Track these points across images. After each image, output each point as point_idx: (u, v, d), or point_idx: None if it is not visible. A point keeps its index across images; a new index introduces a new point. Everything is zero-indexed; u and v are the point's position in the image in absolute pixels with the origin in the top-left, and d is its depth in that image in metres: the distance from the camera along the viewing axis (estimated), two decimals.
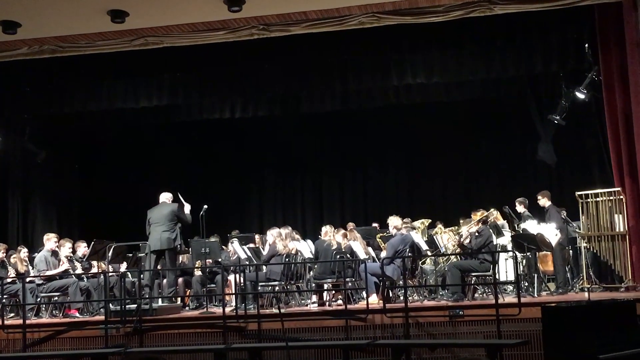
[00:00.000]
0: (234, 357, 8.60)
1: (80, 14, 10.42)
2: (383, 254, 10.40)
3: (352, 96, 13.67)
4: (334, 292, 10.44)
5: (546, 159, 13.10)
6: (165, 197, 10.63)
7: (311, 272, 10.59)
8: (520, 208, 11.00)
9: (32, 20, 10.56)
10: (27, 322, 9.42)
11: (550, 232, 10.03)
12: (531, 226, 10.35)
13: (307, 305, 10.25)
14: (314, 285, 10.51)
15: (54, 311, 10.39)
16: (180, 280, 11.05)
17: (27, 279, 10.14)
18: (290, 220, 14.81)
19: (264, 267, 10.21)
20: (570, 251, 10.74)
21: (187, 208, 10.45)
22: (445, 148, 14.66)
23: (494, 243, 9.97)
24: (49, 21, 10.64)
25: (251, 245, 11.36)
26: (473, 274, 9.67)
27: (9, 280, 10.37)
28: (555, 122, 12.09)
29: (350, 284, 10.03)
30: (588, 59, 11.08)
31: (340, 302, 9.99)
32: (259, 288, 9.92)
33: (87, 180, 15.40)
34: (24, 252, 11.19)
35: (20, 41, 11.32)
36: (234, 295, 10.03)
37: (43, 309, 10.44)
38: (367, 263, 9.75)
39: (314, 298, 10.42)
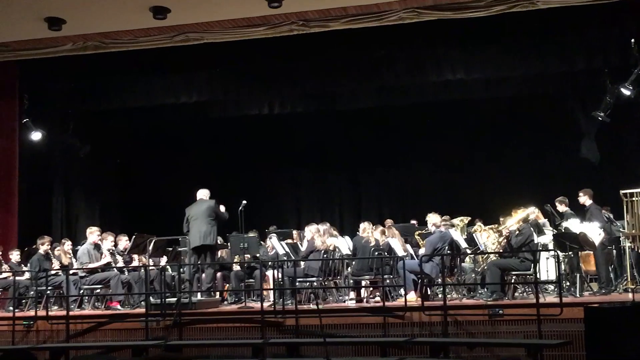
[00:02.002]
0: (271, 351, 8.64)
1: (123, 11, 10.58)
2: (421, 252, 10.34)
3: (389, 92, 13.63)
4: (371, 289, 10.41)
5: (589, 157, 12.88)
6: (203, 193, 10.64)
7: (349, 269, 10.59)
8: (561, 207, 10.82)
9: (77, 17, 10.76)
10: (71, 313, 9.60)
11: (593, 231, 9.85)
12: (574, 225, 10.17)
13: (344, 301, 10.25)
14: (351, 281, 10.50)
15: (96, 303, 10.57)
16: (219, 274, 11.15)
17: (71, 272, 10.33)
18: (328, 216, 14.83)
19: (302, 262, 10.23)
20: (614, 251, 10.53)
21: (222, 208, 10.51)
22: (485, 145, 14.52)
23: (535, 242, 9.82)
24: (93, 18, 10.83)
25: (289, 240, 11.40)
26: (513, 272, 9.55)
27: (53, 272, 10.57)
28: (600, 119, 11.88)
29: (388, 281, 10.00)
30: (634, 55, 10.85)
31: (377, 299, 9.97)
32: (297, 284, 9.95)
33: (128, 174, 15.64)
34: (67, 244, 11.40)
35: (65, 37, 11.55)
36: (272, 291, 10.07)
37: (86, 300, 10.63)
38: (406, 260, 9.70)
39: (352, 294, 10.42)
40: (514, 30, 11.14)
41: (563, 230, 10.28)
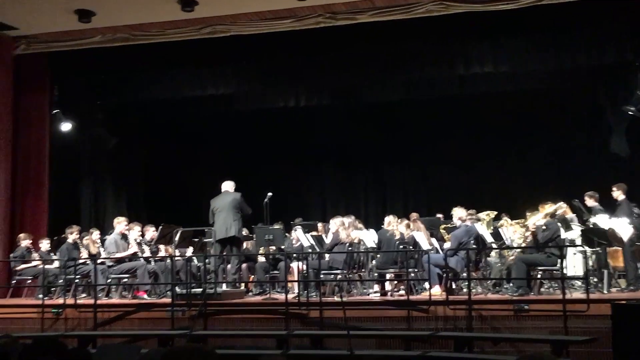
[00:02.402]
0: (295, 343, 8.68)
1: (152, 3, 10.69)
2: (447, 245, 10.30)
3: (416, 85, 13.56)
4: (396, 282, 10.41)
5: (619, 152, 12.69)
6: (228, 185, 10.67)
7: (373, 262, 10.59)
8: (590, 202, 10.69)
9: (106, 9, 10.89)
10: (98, 302, 9.76)
11: (622, 227, 9.72)
12: (602, 220, 10.05)
13: (369, 294, 10.26)
14: (376, 274, 10.50)
15: (123, 292, 10.69)
16: (244, 266, 11.22)
17: (99, 261, 10.47)
18: (353, 209, 14.81)
19: (327, 255, 10.26)
20: None
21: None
22: (512, 139, 14.38)
23: (562, 237, 9.73)
24: (122, 10, 10.95)
25: (314, 233, 11.43)
26: (539, 268, 9.47)
27: (81, 261, 10.72)
28: (630, 113, 11.70)
29: (412, 275, 9.98)
30: None
31: (402, 292, 9.96)
32: (322, 276, 9.98)
33: (155, 166, 15.76)
34: (95, 234, 11.54)
35: (94, 30, 11.70)
36: (296, 283, 10.11)
37: (113, 289, 10.76)
38: (430, 254, 9.68)
39: (376, 288, 10.42)
40: (543, 22, 11.00)
41: (591, 226, 10.16)
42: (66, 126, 13.05)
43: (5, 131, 12.07)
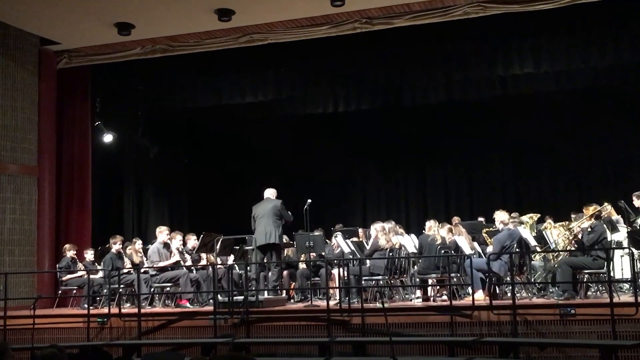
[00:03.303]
0: (337, 350, 8.65)
1: (189, 14, 10.81)
2: (489, 249, 10.15)
3: (456, 87, 13.42)
4: (438, 287, 10.29)
5: None
6: (270, 192, 10.72)
7: (415, 267, 10.49)
8: (637, 202, 10.41)
9: (145, 22, 11.06)
10: (142, 311, 9.84)
11: None
12: None
13: (411, 300, 10.16)
14: (417, 280, 10.40)
15: (166, 301, 10.79)
16: (285, 273, 11.23)
17: (142, 270, 10.57)
18: (394, 214, 14.73)
19: (368, 261, 10.20)
20: None
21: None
22: (555, 139, 14.12)
23: (608, 239, 9.50)
24: (160, 22, 11.11)
25: (355, 239, 11.38)
26: (585, 271, 9.26)
27: (125, 270, 10.86)
28: None
29: (455, 280, 9.86)
30: None
31: (444, 297, 9.84)
32: (363, 282, 9.93)
33: (196, 174, 15.92)
34: (138, 243, 11.69)
35: (134, 42, 11.90)
36: (337, 289, 10.08)
37: (156, 298, 10.87)
38: (473, 258, 9.54)
39: (418, 293, 10.31)
40: (584, 20, 10.80)
41: (638, 227, 9.90)
42: (108, 137, 13.29)
43: (50, 144, 12.33)
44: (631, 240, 9.45)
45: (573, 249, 9.63)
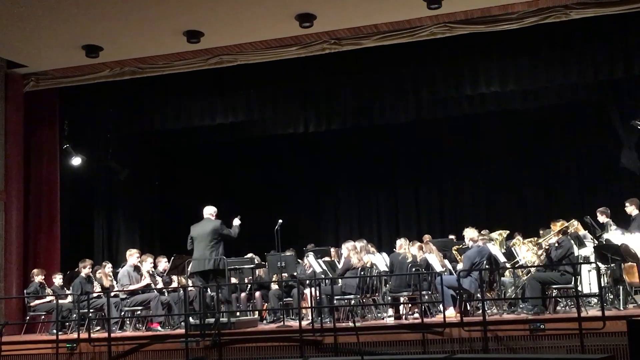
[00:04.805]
0: None
1: (158, 36, 10.82)
2: (459, 267, 10.23)
3: (425, 106, 13.59)
4: (410, 305, 10.33)
5: (630, 167, 12.62)
6: (209, 211, 10.14)
7: (387, 286, 10.52)
8: (602, 218, 10.61)
9: (113, 44, 11.04)
10: (112, 335, 9.72)
11: (636, 242, 9.62)
12: (615, 236, 9.96)
13: (383, 318, 10.18)
14: (389, 298, 10.43)
15: (137, 325, 10.68)
16: (257, 294, 11.18)
17: (112, 294, 10.46)
18: (366, 233, 14.77)
19: (340, 280, 10.21)
20: None
21: (236, 222, 10.07)
22: (523, 157, 14.34)
23: (575, 254, 9.64)
24: (129, 44, 11.10)
25: (327, 258, 11.38)
26: (554, 286, 9.38)
27: (94, 294, 10.73)
28: (639, 127, 11.63)
29: (426, 297, 9.91)
30: None
31: (416, 315, 9.88)
32: (335, 301, 9.93)
33: (167, 196, 15.83)
34: (108, 267, 11.54)
35: (102, 64, 11.87)
36: (310, 309, 10.06)
37: (127, 322, 10.75)
38: (444, 276, 9.60)
39: (390, 311, 10.34)
40: (549, 40, 11.01)
41: (604, 242, 10.07)
42: (77, 160, 13.14)
43: (17, 168, 12.18)
44: (597, 255, 9.60)
45: (541, 264, 9.74)
